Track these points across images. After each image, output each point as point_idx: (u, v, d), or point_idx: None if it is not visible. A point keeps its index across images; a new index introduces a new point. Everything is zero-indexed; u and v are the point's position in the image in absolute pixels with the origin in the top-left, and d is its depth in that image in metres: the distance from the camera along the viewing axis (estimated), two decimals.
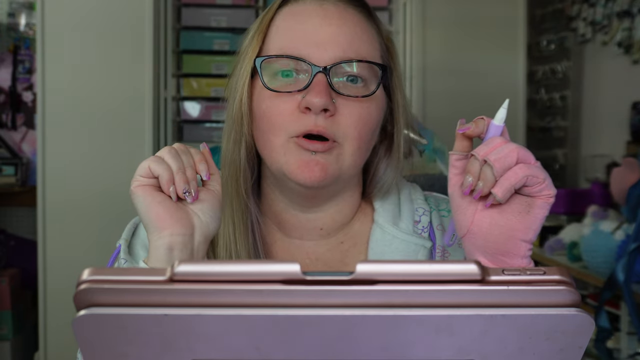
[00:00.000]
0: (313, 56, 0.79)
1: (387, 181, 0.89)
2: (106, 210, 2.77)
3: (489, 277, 0.43)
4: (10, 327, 3.09)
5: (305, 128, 0.78)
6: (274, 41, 0.83)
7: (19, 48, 3.47)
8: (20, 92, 3.47)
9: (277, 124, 0.79)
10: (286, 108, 0.79)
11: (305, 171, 0.78)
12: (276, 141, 0.80)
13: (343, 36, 0.80)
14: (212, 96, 3.12)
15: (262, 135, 0.82)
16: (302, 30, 0.81)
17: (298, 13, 0.83)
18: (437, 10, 3.23)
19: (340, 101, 0.79)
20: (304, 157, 0.78)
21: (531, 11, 3.60)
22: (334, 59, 0.79)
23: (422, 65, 3.22)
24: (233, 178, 0.85)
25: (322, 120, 0.78)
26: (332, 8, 0.82)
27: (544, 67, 3.61)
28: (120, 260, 0.82)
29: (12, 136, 3.46)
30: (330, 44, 0.79)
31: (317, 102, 0.76)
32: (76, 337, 0.43)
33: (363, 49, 0.81)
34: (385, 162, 0.89)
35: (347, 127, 0.79)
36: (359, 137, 0.80)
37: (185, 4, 3.14)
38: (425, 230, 0.88)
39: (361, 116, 0.80)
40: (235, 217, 0.85)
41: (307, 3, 0.83)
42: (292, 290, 0.42)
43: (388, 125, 0.88)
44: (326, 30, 0.80)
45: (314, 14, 0.82)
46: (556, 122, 3.55)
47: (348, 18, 0.82)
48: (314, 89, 0.77)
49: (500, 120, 0.68)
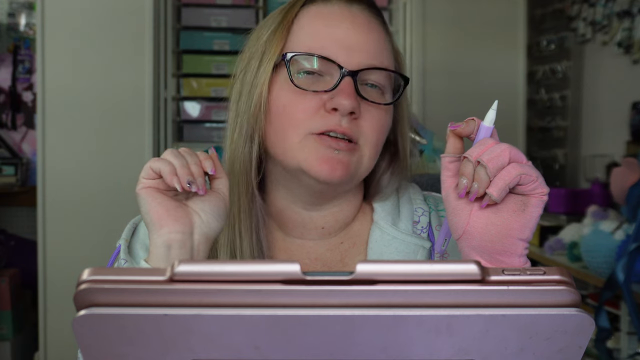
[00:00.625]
0: (342, 60, 0.80)
1: (390, 188, 0.90)
2: (106, 210, 2.77)
3: (489, 277, 0.43)
4: (10, 327, 3.09)
5: (327, 127, 0.79)
6: (299, 40, 0.83)
7: (19, 48, 3.47)
8: (20, 92, 3.47)
9: (298, 120, 0.80)
10: (310, 106, 0.80)
11: (326, 168, 0.79)
12: (294, 137, 0.80)
13: (370, 43, 0.82)
14: (212, 96, 3.12)
15: (279, 131, 0.82)
16: (332, 34, 0.82)
17: (326, 15, 0.83)
18: (437, 10, 3.24)
19: (363, 106, 0.81)
20: (326, 153, 0.79)
21: (531, 11, 3.60)
22: (362, 64, 0.81)
23: (422, 65, 3.22)
24: (242, 174, 0.85)
25: (347, 122, 0.79)
26: (360, 14, 0.84)
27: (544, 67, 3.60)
28: (120, 260, 0.83)
29: (12, 136, 3.46)
30: (359, 50, 0.81)
31: (346, 104, 0.78)
32: (76, 337, 0.43)
33: (385, 58, 0.84)
34: (390, 171, 0.90)
35: (368, 131, 0.81)
36: (377, 142, 0.83)
37: (185, 4, 3.14)
38: (425, 230, 0.88)
39: (380, 122, 0.82)
40: (241, 213, 0.85)
41: (335, 5, 0.84)
42: (292, 290, 0.42)
43: (391, 135, 0.89)
44: (356, 36, 0.82)
45: (343, 18, 0.83)
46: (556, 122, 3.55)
47: (373, 27, 0.84)
48: (343, 91, 0.78)
49: (490, 122, 0.69)
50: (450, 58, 3.25)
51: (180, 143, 3.11)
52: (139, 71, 2.82)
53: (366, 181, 0.91)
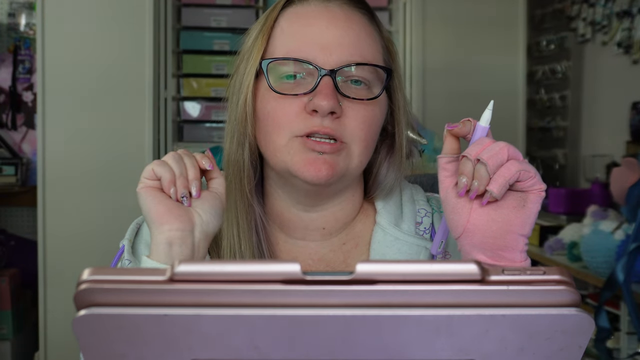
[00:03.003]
0: (319, 59, 0.80)
1: (389, 181, 0.89)
2: (106, 210, 2.77)
3: (488, 277, 0.43)
4: (10, 327, 3.09)
5: (310, 129, 0.79)
6: (279, 43, 0.83)
7: (19, 48, 3.47)
8: (20, 92, 3.47)
9: (282, 124, 0.80)
10: (292, 110, 0.80)
11: (312, 169, 0.79)
12: (280, 141, 0.80)
13: (349, 39, 0.81)
14: (212, 96, 3.12)
15: (266, 135, 0.82)
16: (308, 33, 0.81)
17: (303, 15, 0.83)
18: (437, 10, 3.23)
19: (346, 104, 0.80)
20: (310, 156, 0.79)
21: (531, 11, 3.60)
22: (340, 62, 0.80)
23: (422, 65, 3.22)
24: (237, 178, 0.85)
25: (329, 122, 0.79)
26: (337, 10, 0.83)
27: (544, 67, 3.60)
28: (124, 260, 0.83)
29: (12, 136, 3.46)
30: (336, 47, 0.80)
31: (324, 104, 0.77)
32: (76, 337, 0.43)
33: (367, 51, 0.82)
34: (387, 163, 0.89)
35: (353, 129, 0.80)
36: (365, 138, 0.81)
37: (185, 4, 3.14)
38: (427, 231, 0.88)
39: (366, 118, 0.81)
40: (239, 217, 0.85)
41: (312, 4, 0.84)
42: (292, 290, 0.42)
43: (389, 126, 0.89)
44: (332, 33, 0.81)
45: (320, 16, 0.82)
46: (556, 122, 3.55)
47: (353, 21, 0.83)
48: (321, 92, 0.78)
49: (486, 122, 0.70)
50: (450, 58, 3.25)
51: (180, 143, 3.11)
52: (139, 71, 2.82)
53: (366, 176, 0.91)
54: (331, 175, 0.79)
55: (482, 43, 3.28)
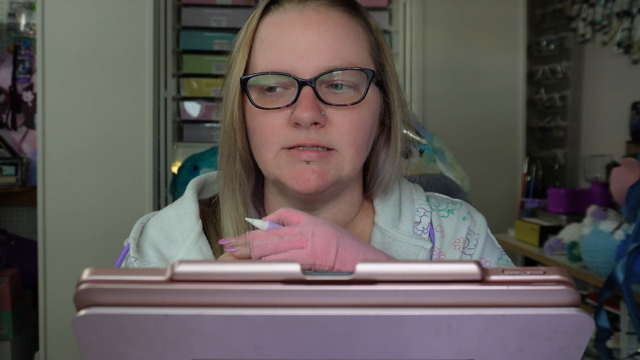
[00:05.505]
0: (298, 68, 0.78)
1: (386, 175, 0.88)
2: (106, 210, 2.77)
3: (488, 277, 0.43)
4: (10, 327, 3.09)
5: (296, 142, 0.78)
6: (259, 55, 0.81)
7: (19, 48, 3.47)
8: (20, 92, 3.47)
9: (269, 138, 0.79)
10: (277, 123, 0.79)
11: (300, 181, 0.78)
12: (268, 155, 0.80)
13: (325, 44, 0.79)
14: (212, 96, 3.12)
15: (255, 149, 0.82)
16: (285, 42, 0.79)
17: (279, 23, 0.81)
18: (437, 10, 3.23)
19: (331, 110, 0.79)
20: (298, 167, 0.78)
21: (531, 11, 3.60)
22: (319, 69, 0.78)
23: (422, 65, 3.22)
24: (229, 189, 0.85)
25: (314, 133, 0.78)
26: (313, 14, 0.80)
27: (543, 67, 3.61)
28: (130, 258, 0.82)
29: (12, 136, 3.46)
30: (313, 54, 0.78)
31: (305, 117, 0.76)
32: (76, 337, 0.43)
33: (349, 52, 0.80)
34: (384, 154, 0.88)
35: (341, 135, 0.79)
36: (355, 142, 0.80)
37: (185, 4, 3.14)
38: (426, 231, 0.88)
39: (353, 122, 0.79)
40: (237, 225, 0.85)
41: (287, 10, 0.81)
42: (292, 290, 0.42)
43: (386, 119, 0.87)
44: (308, 40, 0.79)
45: (296, 23, 0.80)
46: (556, 122, 3.55)
47: (330, 22, 0.80)
48: (301, 104, 0.77)
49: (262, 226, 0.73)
50: (450, 58, 3.25)
51: (180, 143, 3.11)
52: (139, 71, 2.82)
53: (364, 171, 0.91)
54: (321, 185, 0.78)
55: (482, 43, 3.28)
